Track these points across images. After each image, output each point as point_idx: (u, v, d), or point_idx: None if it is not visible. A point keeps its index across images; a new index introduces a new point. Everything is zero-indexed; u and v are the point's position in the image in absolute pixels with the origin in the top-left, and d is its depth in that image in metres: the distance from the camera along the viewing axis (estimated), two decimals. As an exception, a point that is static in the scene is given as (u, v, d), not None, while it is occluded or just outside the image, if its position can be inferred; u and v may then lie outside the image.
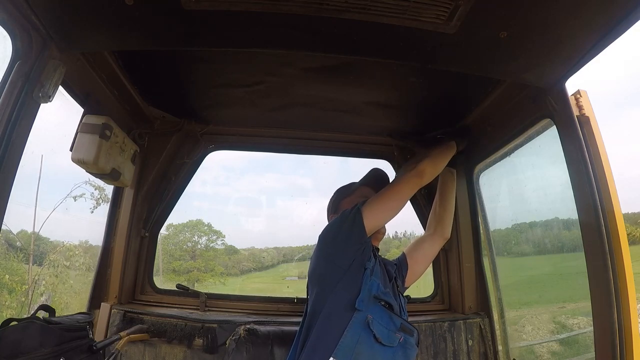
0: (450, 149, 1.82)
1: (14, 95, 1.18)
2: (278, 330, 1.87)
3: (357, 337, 1.32)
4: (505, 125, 1.85)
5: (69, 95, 1.62)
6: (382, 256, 1.75)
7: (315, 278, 1.50)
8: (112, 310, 1.99)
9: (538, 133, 1.72)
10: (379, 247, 1.77)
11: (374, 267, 1.47)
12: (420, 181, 1.60)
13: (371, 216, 1.46)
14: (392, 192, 1.55)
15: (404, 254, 1.86)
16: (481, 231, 2.23)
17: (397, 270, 1.78)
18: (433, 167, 1.66)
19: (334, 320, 1.36)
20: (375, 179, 1.81)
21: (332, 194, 1.86)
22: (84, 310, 2.03)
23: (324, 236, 1.54)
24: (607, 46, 1.23)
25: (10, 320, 1.27)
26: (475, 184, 2.25)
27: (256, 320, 1.93)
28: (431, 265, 2.41)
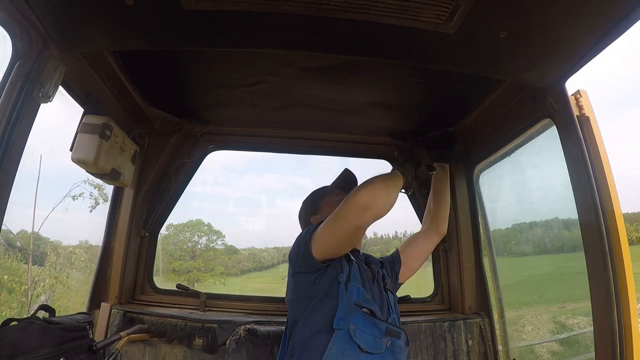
0: (394, 178, 1.49)
1: (14, 95, 1.18)
2: (278, 330, 1.87)
3: (341, 351, 1.30)
4: (505, 125, 1.85)
5: (69, 95, 1.62)
6: (370, 254, 1.74)
7: (288, 295, 1.51)
8: (112, 310, 1.99)
9: (538, 133, 1.72)
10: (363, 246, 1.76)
11: (350, 273, 1.43)
12: (359, 215, 1.31)
13: (320, 247, 1.37)
14: (335, 221, 1.35)
15: (397, 251, 1.85)
16: (481, 231, 2.23)
17: (389, 266, 1.76)
18: (373, 197, 1.33)
19: (315, 340, 1.33)
20: (345, 181, 1.78)
21: (303, 201, 1.82)
22: (84, 310, 2.03)
23: (290, 257, 1.50)
24: (607, 46, 1.24)
25: (10, 320, 1.27)
26: (475, 184, 2.25)
27: (256, 320, 1.93)
28: (431, 265, 2.42)
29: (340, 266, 1.43)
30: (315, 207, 1.74)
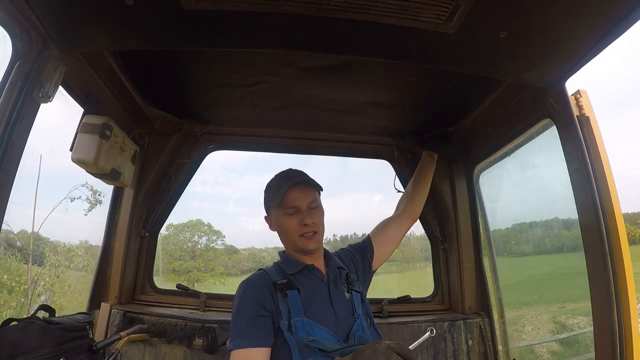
0: None
1: (14, 95, 1.18)
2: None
3: None
4: (505, 125, 1.85)
5: (69, 95, 1.62)
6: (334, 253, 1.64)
7: None
8: (112, 310, 1.99)
9: (538, 133, 1.72)
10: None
11: (290, 309, 1.34)
12: None
13: None
14: None
15: (368, 237, 1.77)
16: (481, 231, 2.23)
17: (359, 256, 1.68)
18: None
19: None
20: (276, 190, 1.52)
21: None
22: (84, 310, 2.03)
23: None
24: (607, 46, 1.24)
25: (10, 320, 1.27)
26: (475, 184, 2.25)
27: (256, 320, 1.92)
28: (431, 265, 2.42)
29: (278, 312, 1.34)
30: (267, 208, 1.60)
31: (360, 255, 1.70)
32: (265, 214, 1.61)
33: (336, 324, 1.38)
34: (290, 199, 1.48)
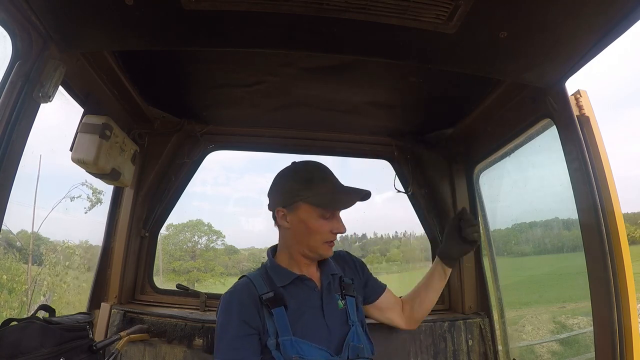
0: None
1: (14, 95, 1.18)
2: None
3: None
4: (505, 125, 1.85)
5: (69, 95, 1.62)
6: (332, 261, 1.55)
7: None
8: (112, 310, 1.99)
9: (538, 133, 1.72)
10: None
11: (277, 328, 1.30)
12: None
13: None
14: None
15: (384, 288, 1.67)
16: (481, 231, 2.23)
17: (364, 282, 1.61)
18: None
19: None
20: (330, 195, 1.39)
21: (280, 173, 1.50)
22: (84, 310, 2.03)
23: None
24: (607, 46, 1.24)
25: (10, 320, 1.27)
26: (475, 184, 2.25)
27: (256, 320, 1.92)
28: (431, 264, 2.42)
29: (265, 330, 1.31)
30: (291, 199, 1.40)
31: (364, 282, 1.61)
32: (281, 204, 1.42)
33: (328, 336, 1.35)
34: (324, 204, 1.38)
